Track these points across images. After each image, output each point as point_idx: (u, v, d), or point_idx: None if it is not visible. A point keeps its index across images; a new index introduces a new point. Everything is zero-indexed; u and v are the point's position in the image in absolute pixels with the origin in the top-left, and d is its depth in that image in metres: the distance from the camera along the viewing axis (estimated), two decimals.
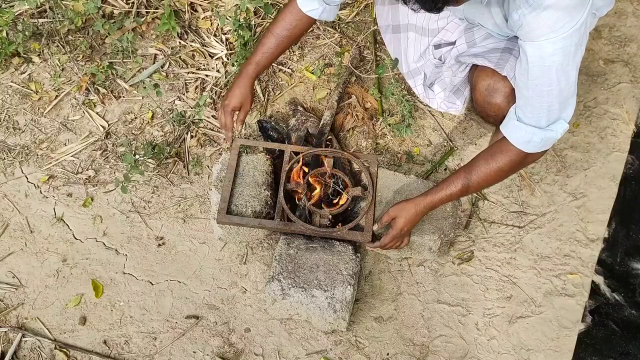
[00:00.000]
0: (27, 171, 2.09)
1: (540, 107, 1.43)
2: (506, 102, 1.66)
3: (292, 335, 1.80)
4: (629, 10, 2.38)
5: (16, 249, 1.94)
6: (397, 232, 1.68)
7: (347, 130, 2.13)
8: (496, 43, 1.71)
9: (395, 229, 1.67)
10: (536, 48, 1.35)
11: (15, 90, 2.26)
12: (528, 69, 1.39)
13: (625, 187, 2.01)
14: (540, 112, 1.44)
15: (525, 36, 1.37)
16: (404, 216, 1.66)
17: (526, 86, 1.42)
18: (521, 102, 1.48)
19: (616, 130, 2.11)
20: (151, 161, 2.07)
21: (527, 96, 1.44)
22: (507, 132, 1.52)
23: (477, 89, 1.73)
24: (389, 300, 1.85)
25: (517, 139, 1.49)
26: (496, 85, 1.67)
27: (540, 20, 1.31)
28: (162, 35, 2.36)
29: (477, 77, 1.73)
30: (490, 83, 1.68)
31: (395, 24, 1.97)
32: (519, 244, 1.93)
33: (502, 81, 1.65)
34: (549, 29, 1.31)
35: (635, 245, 1.91)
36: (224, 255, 1.93)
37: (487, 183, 1.60)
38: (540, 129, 1.46)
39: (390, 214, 1.69)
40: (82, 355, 1.77)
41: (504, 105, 1.68)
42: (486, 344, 1.78)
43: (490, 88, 1.69)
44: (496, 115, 1.72)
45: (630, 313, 1.81)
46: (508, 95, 1.66)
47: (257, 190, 1.84)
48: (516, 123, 1.49)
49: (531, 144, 1.48)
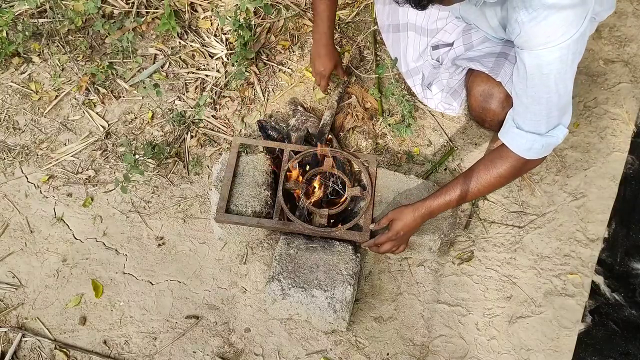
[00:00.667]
0: (27, 171, 2.09)
1: (540, 114, 1.42)
2: (501, 107, 1.66)
3: (292, 335, 1.80)
4: (629, 10, 2.38)
5: (16, 249, 1.94)
6: (392, 234, 1.67)
7: (347, 130, 2.13)
8: (492, 47, 1.71)
9: (391, 231, 1.68)
10: (534, 57, 1.34)
11: (15, 90, 2.26)
12: (526, 77, 1.38)
13: (625, 187, 2.01)
14: (540, 119, 1.43)
15: (523, 44, 1.36)
16: (402, 219, 1.66)
17: (525, 94, 1.42)
18: (520, 109, 1.47)
19: (616, 130, 2.11)
20: (151, 161, 2.08)
21: (526, 103, 1.43)
22: (507, 140, 1.51)
23: (472, 94, 1.74)
24: (389, 300, 1.85)
25: (517, 146, 1.49)
26: (491, 91, 1.67)
27: (539, 29, 1.29)
28: (162, 35, 2.36)
29: (472, 83, 1.73)
30: (485, 89, 1.68)
31: (395, 24, 1.97)
32: (519, 244, 1.93)
33: (497, 87, 1.65)
34: (548, 38, 1.30)
35: (635, 245, 1.91)
36: (224, 255, 1.93)
37: (487, 190, 1.59)
38: (540, 136, 1.45)
39: (389, 216, 1.69)
40: (82, 355, 1.77)
41: (498, 111, 1.68)
42: (486, 344, 1.78)
43: (485, 93, 1.69)
44: (491, 120, 1.72)
45: (630, 313, 1.81)
46: (503, 100, 1.66)
47: (257, 190, 1.84)
48: (516, 131, 1.48)
49: (532, 150, 1.48)
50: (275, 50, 2.33)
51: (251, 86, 2.24)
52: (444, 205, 1.62)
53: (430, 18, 1.87)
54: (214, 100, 2.21)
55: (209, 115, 2.18)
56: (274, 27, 2.38)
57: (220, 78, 2.25)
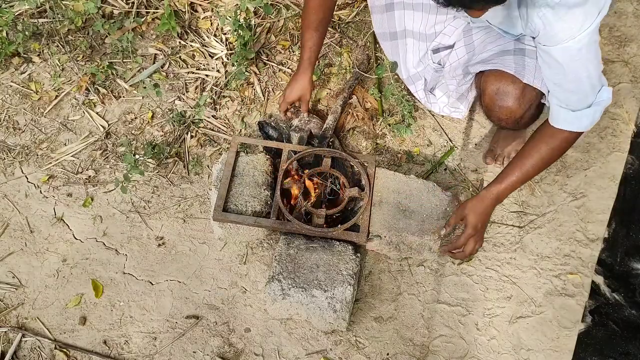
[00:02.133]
0: (27, 171, 2.09)
1: (584, 90, 1.47)
2: (517, 104, 1.65)
3: (292, 335, 1.80)
4: (629, 10, 2.38)
5: (16, 249, 1.94)
6: (471, 231, 1.67)
7: (347, 131, 2.13)
8: (503, 44, 1.70)
9: (469, 228, 1.67)
10: (563, 50, 1.39)
11: (15, 90, 2.26)
12: (563, 68, 1.42)
13: (625, 187, 2.01)
14: (587, 93, 1.48)
15: (547, 41, 1.40)
16: (475, 212, 1.66)
17: (566, 80, 1.46)
18: (563, 96, 1.50)
19: (616, 130, 2.11)
20: (151, 161, 2.08)
21: (570, 88, 1.47)
22: (565, 125, 1.53)
23: (486, 93, 1.71)
24: (389, 300, 1.85)
25: (578, 126, 1.52)
26: (506, 89, 1.66)
27: (563, 24, 1.34)
28: (162, 35, 2.36)
29: (486, 83, 1.71)
30: (500, 87, 1.67)
31: (392, 31, 1.97)
32: (519, 244, 1.93)
33: (511, 84, 1.64)
34: (571, 31, 1.34)
35: (635, 245, 1.91)
36: (224, 255, 1.93)
37: (545, 166, 1.62)
38: (591, 107, 1.49)
39: (457, 214, 1.69)
40: (82, 355, 1.77)
41: (515, 107, 1.67)
42: (486, 344, 1.78)
43: (500, 92, 1.67)
44: (508, 118, 1.71)
45: (630, 313, 1.81)
46: (519, 97, 1.65)
47: (257, 190, 1.84)
48: (572, 114, 1.51)
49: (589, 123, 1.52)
50: (275, 50, 2.33)
51: (251, 86, 2.24)
52: (509, 188, 1.63)
53: (428, 23, 1.87)
54: (214, 100, 2.21)
55: (209, 115, 2.18)
56: (274, 27, 2.38)
57: (220, 78, 2.25)
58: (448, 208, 1.82)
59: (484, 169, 2.05)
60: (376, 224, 1.79)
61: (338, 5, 2.43)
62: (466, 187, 2.01)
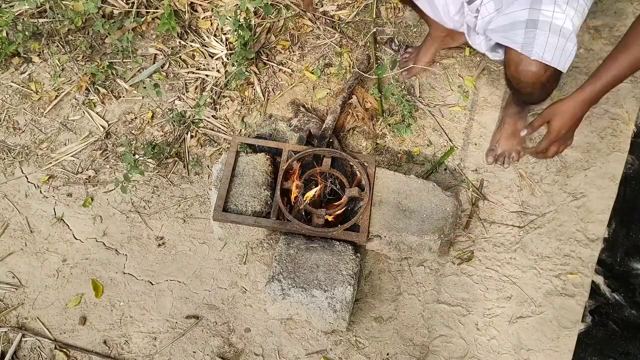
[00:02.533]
0: (27, 171, 2.09)
1: None
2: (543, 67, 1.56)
3: (292, 335, 1.80)
4: (629, 10, 2.38)
5: (16, 249, 1.94)
6: (554, 136, 1.53)
7: (347, 131, 2.13)
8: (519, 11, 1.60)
9: (552, 132, 1.53)
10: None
11: (15, 90, 2.26)
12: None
13: (625, 187, 2.00)
14: None
15: None
16: (561, 116, 1.50)
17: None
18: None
19: (616, 130, 2.11)
20: (151, 161, 2.08)
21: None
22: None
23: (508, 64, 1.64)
24: (389, 300, 1.85)
25: None
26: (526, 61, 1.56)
27: None
28: (162, 35, 2.36)
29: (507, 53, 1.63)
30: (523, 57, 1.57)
31: None
32: (519, 244, 1.93)
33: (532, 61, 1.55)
34: None
35: (635, 245, 1.91)
36: (224, 255, 1.93)
37: None
38: None
39: (544, 116, 1.53)
40: (82, 355, 1.77)
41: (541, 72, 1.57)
42: (486, 344, 1.78)
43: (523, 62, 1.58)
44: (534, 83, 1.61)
45: (630, 313, 1.81)
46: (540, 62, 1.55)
47: (257, 190, 1.84)
48: None
49: None
50: (275, 50, 2.33)
51: (251, 86, 2.24)
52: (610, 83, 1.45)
53: None
54: (214, 100, 2.21)
55: (209, 115, 2.18)
56: (274, 27, 2.38)
57: (220, 78, 2.25)
58: (448, 208, 1.82)
59: (484, 169, 2.05)
60: (376, 224, 1.79)
61: (338, 6, 2.44)
62: (466, 187, 2.01)
